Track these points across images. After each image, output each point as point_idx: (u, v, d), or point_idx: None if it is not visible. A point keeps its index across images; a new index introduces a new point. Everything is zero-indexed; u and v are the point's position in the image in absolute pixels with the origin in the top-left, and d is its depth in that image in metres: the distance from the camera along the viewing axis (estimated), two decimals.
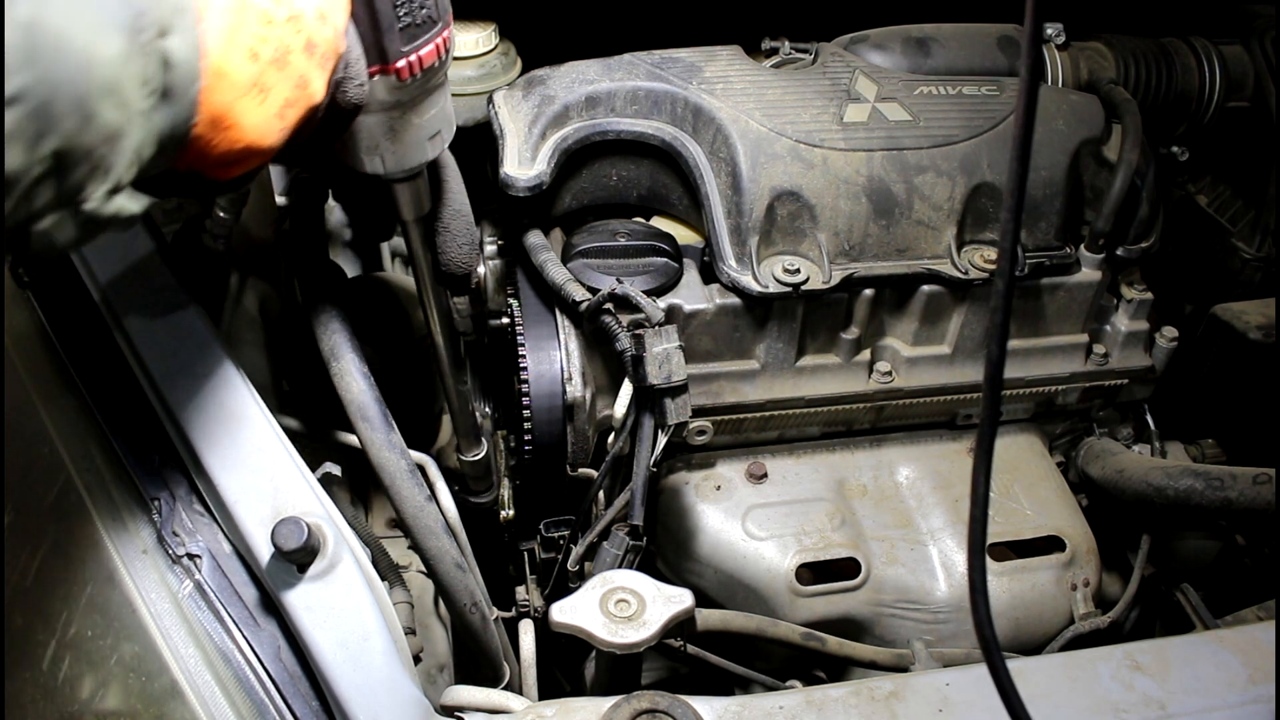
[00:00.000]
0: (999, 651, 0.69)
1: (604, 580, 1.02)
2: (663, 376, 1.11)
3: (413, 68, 0.82)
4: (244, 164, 0.73)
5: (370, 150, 0.89)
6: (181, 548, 0.89)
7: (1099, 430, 1.54)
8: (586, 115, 1.28)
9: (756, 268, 1.25)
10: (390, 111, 0.86)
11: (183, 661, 0.84)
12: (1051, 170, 1.32)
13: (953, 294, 1.33)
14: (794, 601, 1.28)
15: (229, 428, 0.92)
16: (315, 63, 0.74)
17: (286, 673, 0.87)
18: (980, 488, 0.68)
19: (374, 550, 1.11)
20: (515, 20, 1.45)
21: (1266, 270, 1.61)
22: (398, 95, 0.84)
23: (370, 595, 0.88)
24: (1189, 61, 1.52)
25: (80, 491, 0.90)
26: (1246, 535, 1.49)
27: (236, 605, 0.88)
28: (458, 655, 1.27)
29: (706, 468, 1.38)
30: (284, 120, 0.73)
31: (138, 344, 0.95)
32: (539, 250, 1.29)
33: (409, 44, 0.81)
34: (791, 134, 1.26)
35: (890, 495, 1.39)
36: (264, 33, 0.69)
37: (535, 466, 1.32)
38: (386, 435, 1.03)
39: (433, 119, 0.90)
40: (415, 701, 0.86)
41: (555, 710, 0.89)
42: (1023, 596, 1.32)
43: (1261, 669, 0.93)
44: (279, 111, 0.72)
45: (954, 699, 0.89)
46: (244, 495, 0.89)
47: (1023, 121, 0.59)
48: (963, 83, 1.36)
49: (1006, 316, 0.64)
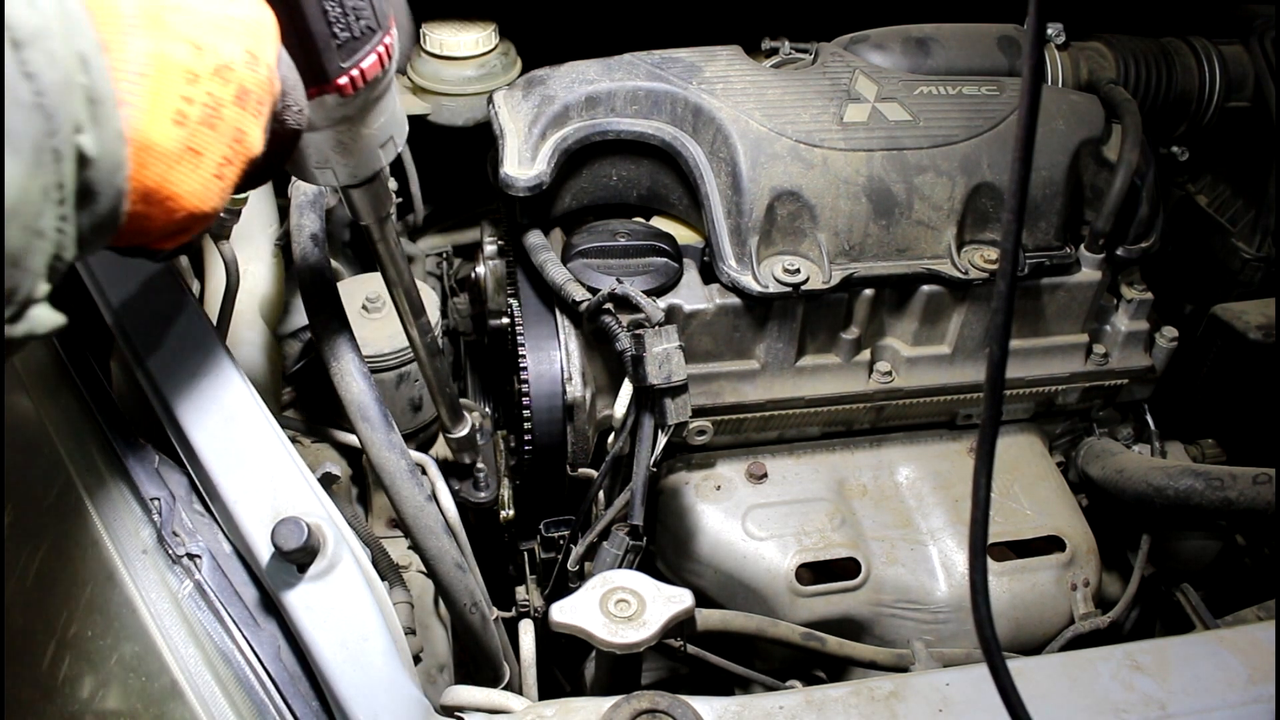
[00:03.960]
0: (999, 651, 0.69)
1: (604, 580, 1.02)
2: (663, 376, 1.11)
3: (355, 82, 0.77)
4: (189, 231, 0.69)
5: (321, 164, 0.85)
6: (181, 548, 0.89)
7: (1099, 430, 1.54)
8: (586, 115, 1.28)
9: (756, 268, 1.25)
10: (337, 127, 0.82)
11: (183, 661, 0.84)
12: (1051, 170, 1.32)
13: (953, 294, 1.33)
14: (794, 601, 1.28)
15: (229, 428, 0.92)
16: (249, 112, 0.68)
17: (286, 673, 0.87)
18: (981, 489, 0.67)
19: (374, 550, 1.11)
20: (515, 20, 1.45)
21: (1266, 270, 1.61)
22: (343, 110, 0.80)
23: (370, 595, 0.87)
24: (1189, 61, 1.52)
25: (80, 491, 0.89)
26: (1246, 535, 1.49)
27: (236, 605, 0.88)
28: (458, 655, 1.27)
29: (706, 468, 1.38)
30: (223, 180, 0.67)
31: (137, 343, 0.95)
32: (539, 250, 1.29)
33: (349, 59, 0.76)
34: (791, 134, 1.26)
35: (890, 495, 1.39)
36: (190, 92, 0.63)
37: (535, 466, 1.32)
38: (386, 435, 1.03)
39: (383, 126, 0.86)
40: (415, 701, 0.85)
41: (555, 710, 0.88)
42: (1023, 596, 1.32)
43: (1261, 669, 0.93)
44: (216, 172, 0.66)
45: (954, 699, 0.89)
46: (244, 495, 0.89)
47: (1025, 122, 0.59)
48: (963, 83, 1.36)
49: (1008, 317, 0.64)
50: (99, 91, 0.56)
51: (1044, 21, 0.55)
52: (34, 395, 0.95)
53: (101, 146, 0.57)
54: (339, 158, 0.85)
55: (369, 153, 0.86)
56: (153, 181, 0.62)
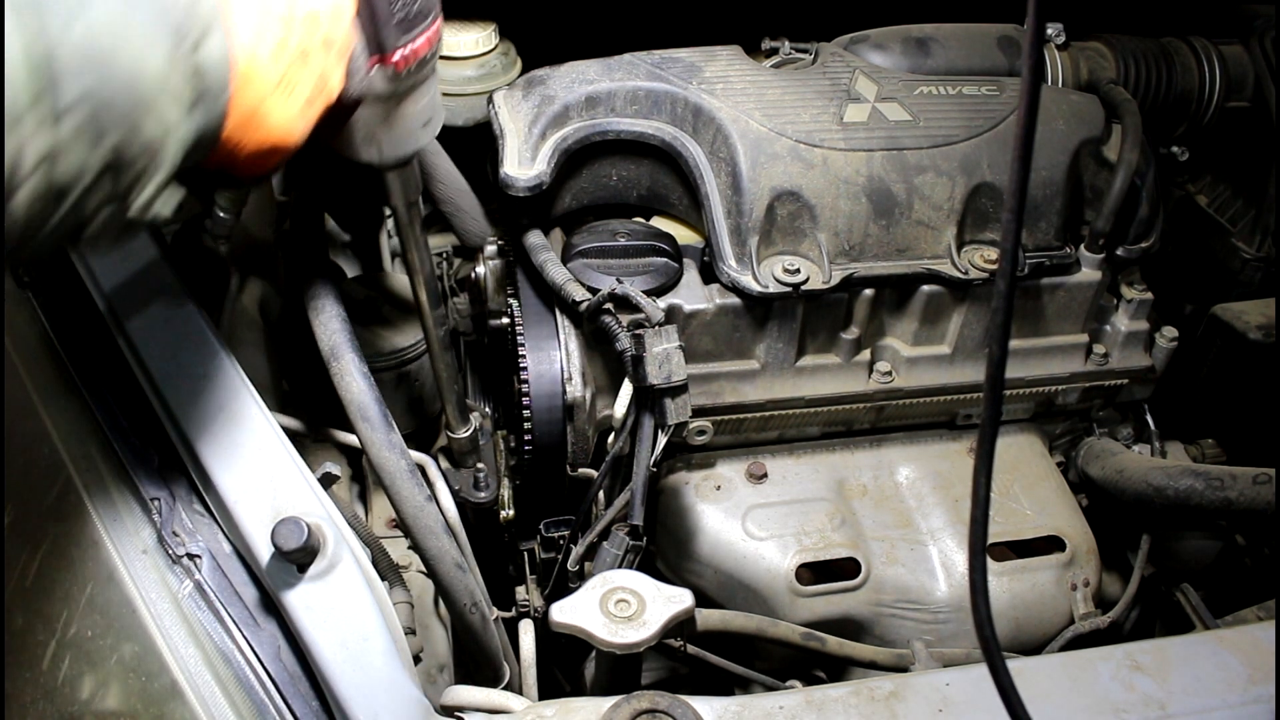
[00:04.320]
0: (999, 651, 0.69)
1: (604, 580, 1.02)
2: (662, 376, 1.11)
3: (408, 59, 0.85)
4: (271, 159, 0.77)
5: (367, 140, 0.92)
6: (181, 548, 0.89)
7: (1099, 430, 1.54)
8: (586, 115, 1.28)
9: (756, 268, 1.25)
10: (386, 102, 0.89)
11: (183, 661, 0.84)
12: (1051, 170, 1.32)
13: (952, 294, 1.33)
14: (794, 601, 1.28)
15: (229, 428, 0.92)
16: (333, 58, 0.78)
17: (286, 673, 0.87)
18: (981, 489, 0.67)
19: (374, 550, 1.11)
20: (515, 20, 1.45)
21: (1266, 270, 1.61)
22: (393, 86, 0.87)
23: (370, 595, 0.88)
24: (1189, 61, 1.52)
25: (80, 491, 0.90)
26: (1246, 535, 1.49)
27: (236, 605, 0.88)
28: (458, 656, 1.27)
29: (706, 468, 1.38)
30: (308, 116, 0.77)
31: (138, 344, 0.95)
32: (539, 250, 1.29)
33: (404, 36, 0.84)
34: (791, 134, 1.26)
35: (890, 495, 1.39)
36: (285, 31, 0.72)
37: (535, 466, 1.32)
38: (386, 435, 1.03)
39: (424, 107, 0.94)
40: (415, 701, 0.85)
41: (555, 710, 0.88)
42: (1022, 596, 1.32)
43: (1262, 669, 0.93)
44: (303, 108, 0.76)
45: (954, 699, 0.89)
46: (244, 495, 0.89)
47: (1025, 121, 0.59)
48: (963, 83, 1.36)
49: (1008, 316, 0.64)
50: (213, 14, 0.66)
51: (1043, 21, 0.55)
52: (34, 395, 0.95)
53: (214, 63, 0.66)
54: (385, 133, 0.92)
55: (411, 131, 0.94)
56: (249, 108, 0.71)
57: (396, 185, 1.01)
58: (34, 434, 0.93)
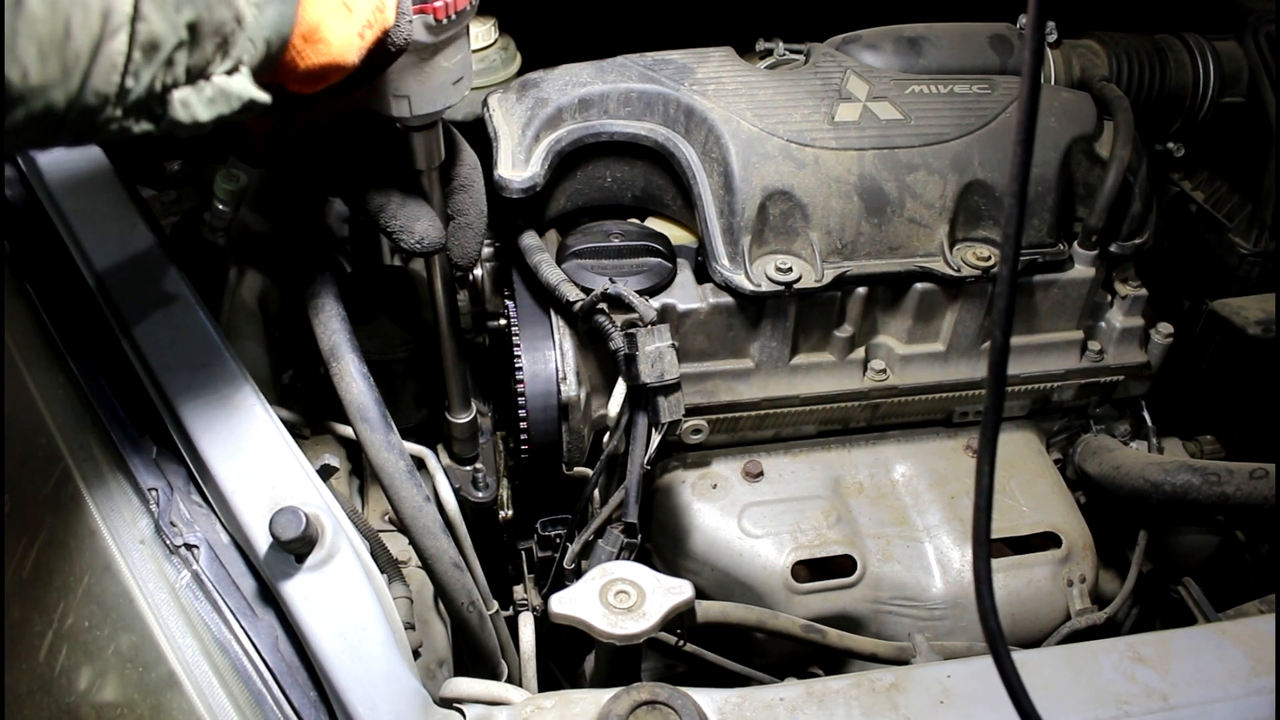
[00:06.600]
0: (1004, 641, 0.68)
1: (604, 571, 1.01)
2: (655, 375, 1.12)
3: (449, 9, 0.88)
4: (323, 80, 0.81)
5: (398, 93, 0.94)
6: (179, 538, 0.89)
7: (1096, 427, 1.54)
8: (580, 117, 1.30)
9: (749, 267, 1.26)
10: (421, 53, 0.92)
11: (180, 652, 0.84)
12: (1044, 167, 1.33)
13: (945, 292, 1.33)
14: (790, 599, 1.28)
15: (227, 418, 0.93)
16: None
17: (284, 663, 0.87)
18: (984, 477, 0.66)
19: (373, 544, 1.12)
20: (515, 15, 1.47)
21: (1264, 265, 1.61)
22: (432, 37, 0.90)
23: (369, 586, 0.88)
24: (1183, 58, 1.52)
25: (77, 482, 0.90)
26: (1245, 531, 1.49)
27: (234, 595, 0.88)
28: (457, 651, 1.27)
29: (703, 466, 1.38)
30: (363, 40, 0.81)
31: (136, 335, 0.96)
32: (534, 251, 1.30)
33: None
34: (783, 134, 1.27)
35: (886, 493, 1.39)
36: None
37: (532, 466, 1.32)
38: (386, 436, 1.03)
39: (457, 65, 0.96)
40: (414, 692, 0.85)
41: (554, 702, 0.88)
42: (1019, 593, 1.32)
43: (1264, 661, 0.92)
44: (360, 30, 0.80)
45: (956, 690, 0.89)
46: (242, 485, 0.89)
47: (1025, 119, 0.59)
48: (954, 81, 1.37)
49: (1011, 302, 0.63)
50: None
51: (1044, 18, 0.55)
52: (32, 385, 0.95)
53: None
54: (417, 86, 0.94)
55: (442, 87, 0.96)
56: (313, 20, 0.76)
57: (420, 147, 1.02)
58: (31, 424, 0.93)
